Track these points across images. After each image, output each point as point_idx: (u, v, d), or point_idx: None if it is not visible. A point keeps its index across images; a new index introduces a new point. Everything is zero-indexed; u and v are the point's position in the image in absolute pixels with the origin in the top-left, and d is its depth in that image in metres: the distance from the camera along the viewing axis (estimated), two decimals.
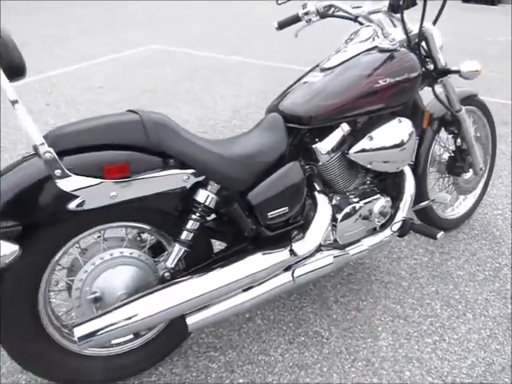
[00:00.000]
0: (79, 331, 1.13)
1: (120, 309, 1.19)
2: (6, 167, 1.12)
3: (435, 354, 1.58)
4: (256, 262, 1.31)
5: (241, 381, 1.46)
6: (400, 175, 1.71)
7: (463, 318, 1.73)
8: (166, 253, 1.40)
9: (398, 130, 1.56)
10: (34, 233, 1.11)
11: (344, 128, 1.52)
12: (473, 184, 2.15)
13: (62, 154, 1.07)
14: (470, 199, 2.26)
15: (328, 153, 1.51)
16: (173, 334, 1.45)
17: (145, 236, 1.42)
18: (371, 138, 1.52)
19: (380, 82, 1.49)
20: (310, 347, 1.59)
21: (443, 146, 2.06)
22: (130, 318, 1.17)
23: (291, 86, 1.62)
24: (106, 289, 1.25)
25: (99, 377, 1.35)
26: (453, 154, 2.01)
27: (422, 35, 1.68)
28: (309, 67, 1.67)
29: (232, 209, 1.31)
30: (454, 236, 2.18)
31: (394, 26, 1.73)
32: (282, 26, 1.85)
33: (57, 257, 1.20)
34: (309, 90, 1.49)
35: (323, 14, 1.78)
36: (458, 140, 1.97)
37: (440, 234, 1.63)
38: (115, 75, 4.46)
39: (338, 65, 1.54)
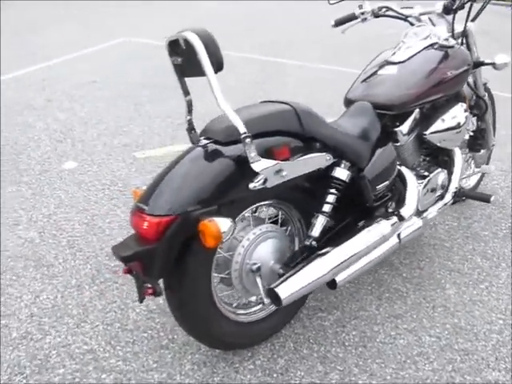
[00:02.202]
0: (281, 290, 1.29)
1: (305, 268, 1.37)
2: (180, 155, 1.25)
3: (491, 296, 1.93)
4: (384, 226, 1.55)
5: (354, 333, 1.70)
6: (450, 152, 2.03)
7: (501, 267, 2.10)
8: (290, 227, 1.59)
9: (460, 113, 1.87)
10: (219, 211, 1.24)
11: (417, 113, 1.80)
12: (484, 158, 2.55)
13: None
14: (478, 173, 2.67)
15: (407, 134, 1.77)
16: None
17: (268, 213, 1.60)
18: (443, 121, 1.81)
19: (447, 73, 1.78)
20: (396, 301, 1.86)
21: None
22: (313, 276, 1.36)
23: (356, 79, 1.86)
24: (264, 259, 1.41)
25: (250, 340, 1.52)
26: (472, 134, 2.38)
27: (465, 33, 2.00)
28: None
29: (363, 183, 1.53)
30: (471, 204, 2.57)
31: (433, 25, 2.04)
32: (339, 23, 2.09)
33: None
34: (392, 81, 1.74)
35: (377, 14, 2.04)
36: (479, 121, 2.34)
37: (493, 198, 1.98)
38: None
39: (408, 59, 1.81)
